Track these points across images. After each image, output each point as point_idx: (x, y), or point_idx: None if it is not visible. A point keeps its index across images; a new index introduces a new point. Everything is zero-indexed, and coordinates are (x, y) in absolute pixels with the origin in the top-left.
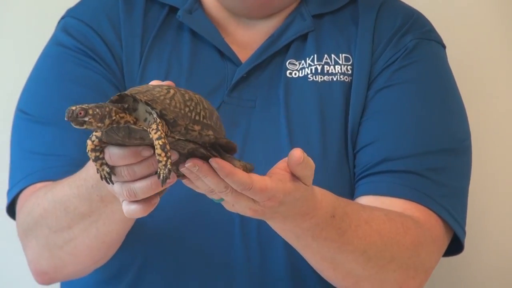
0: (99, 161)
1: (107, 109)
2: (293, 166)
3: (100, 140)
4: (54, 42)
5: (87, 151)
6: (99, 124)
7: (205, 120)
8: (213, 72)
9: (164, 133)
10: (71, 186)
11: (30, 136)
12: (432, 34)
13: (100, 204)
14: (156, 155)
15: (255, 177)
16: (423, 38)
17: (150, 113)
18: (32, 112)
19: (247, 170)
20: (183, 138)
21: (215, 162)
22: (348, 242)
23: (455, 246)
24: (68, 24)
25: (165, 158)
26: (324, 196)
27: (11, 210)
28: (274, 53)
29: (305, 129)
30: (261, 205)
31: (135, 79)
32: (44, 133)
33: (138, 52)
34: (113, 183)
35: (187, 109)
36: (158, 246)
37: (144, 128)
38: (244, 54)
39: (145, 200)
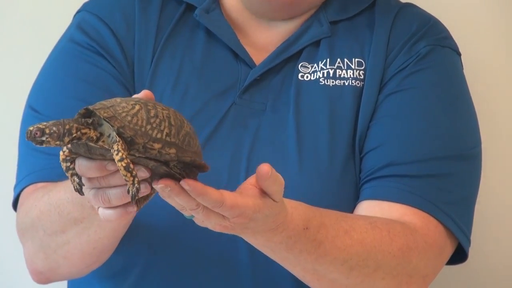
0: (70, 172)
1: (67, 126)
2: (260, 181)
3: (70, 151)
4: (68, 38)
5: (59, 161)
6: (57, 142)
7: (168, 138)
8: (226, 73)
9: (125, 154)
10: (66, 190)
11: None
12: (447, 41)
13: (91, 211)
14: (122, 175)
15: (226, 194)
16: (437, 45)
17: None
18: (40, 109)
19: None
20: (143, 156)
21: (187, 184)
22: (325, 253)
23: (460, 254)
24: (83, 19)
25: (131, 178)
26: (295, 209)
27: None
28: (288, 57)
29: (313, 133)
30: (231, 221)
31: (145, 77)
32: None
33: (150, 50)
34: (83, 194)
35: (148, 127)
36: (162, 247)
37: (104, 146)
38: (259, 56)
39: (120, 207)
